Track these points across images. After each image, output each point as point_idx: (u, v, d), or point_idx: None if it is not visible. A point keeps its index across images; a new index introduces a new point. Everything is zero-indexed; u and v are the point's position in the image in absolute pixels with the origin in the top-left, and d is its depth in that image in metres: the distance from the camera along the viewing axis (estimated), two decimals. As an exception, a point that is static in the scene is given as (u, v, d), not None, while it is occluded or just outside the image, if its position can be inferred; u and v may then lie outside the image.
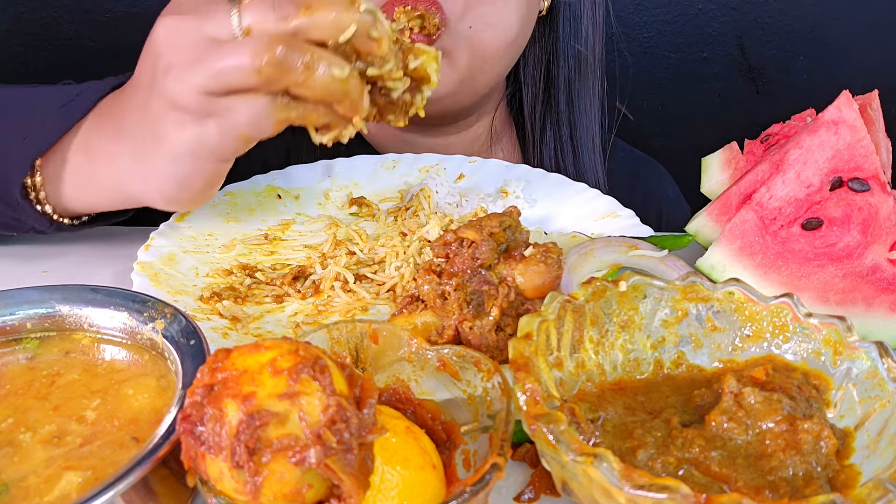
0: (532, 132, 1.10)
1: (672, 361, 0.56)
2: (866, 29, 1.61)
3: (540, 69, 1.08)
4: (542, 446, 0.44)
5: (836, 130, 0.69)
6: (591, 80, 1.08)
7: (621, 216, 0.81)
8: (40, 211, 0.71)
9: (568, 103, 1.08)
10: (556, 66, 1.07)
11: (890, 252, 0.67)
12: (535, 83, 1.08)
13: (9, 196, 0.70)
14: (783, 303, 0.54)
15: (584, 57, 1.07)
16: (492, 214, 0.62)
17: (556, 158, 1.07)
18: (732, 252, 0.69)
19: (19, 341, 0.57)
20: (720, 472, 0.45)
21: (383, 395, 0.51)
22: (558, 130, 1.08)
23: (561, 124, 1.08)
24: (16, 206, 0.71)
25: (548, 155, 1.08)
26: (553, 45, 1.06)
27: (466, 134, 1.08)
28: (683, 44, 1.64)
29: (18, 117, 0.71)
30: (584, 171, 1.07)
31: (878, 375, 0.49)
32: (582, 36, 1.06)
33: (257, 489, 0.38)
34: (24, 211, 0.71)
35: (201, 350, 0.51)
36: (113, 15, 1.51)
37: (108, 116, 0.68)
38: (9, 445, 0.48)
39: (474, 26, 0.91)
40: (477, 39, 0.92)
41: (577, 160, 1.07)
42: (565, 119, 1.08)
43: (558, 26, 1.05)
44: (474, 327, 0.58)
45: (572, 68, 1.07)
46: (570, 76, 1.07)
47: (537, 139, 1.09)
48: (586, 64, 1.07)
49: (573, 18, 1.05)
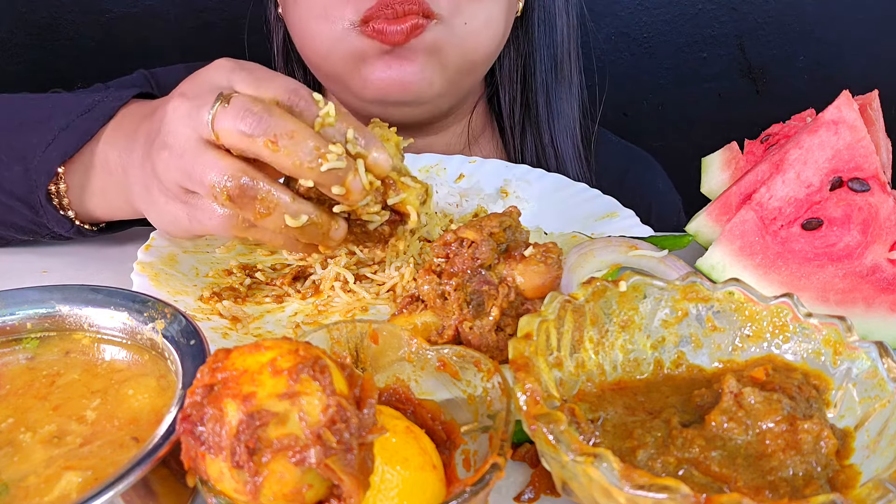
0: (512, 135, 1.09)
1: (672, 361, 0.56)
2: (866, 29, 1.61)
3: (516, 71, 1.07)
4: (542, 446, 0.44)
5: (836, 130, 0.69)
6: (567, 82, 1.07)
7: (621, 216, 0.81)
8: (63, 216, 0.73)
9: (546, 105, 1.07)
10: (533, 67, 1.06)
11: (890, 252, 0.67)
12: (511, 85, 1.08)
13: (32, 200, 0.72)
14: (783, 303, 0.54)
15: (560, 58, 1.06)
16: (492, 214, 0.62)
17: (538, 162, 1.07)
18: (732, 252, 0.69)
19: (19, 341, 0.57)
20: (720, 472, 0.45)
21: (383, 395, 0.51)
22: (538, 133, 1.08)
23: (541, 127, 1.07)
24: (38, 211, 0.72)
25: (529, 159, 1.07)
26: (528, 48, 1.06)
27: (444, 135, 1.08)
28: (683, 44, 1.64)
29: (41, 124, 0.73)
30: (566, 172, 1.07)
31: (878, 375, 0.49)
32: (557, 37, 1.06)
33: (257, 489, 0.38)
34: (47, 215, 0.73)
35: (201, 350, 0.51)
36: (113, 14, 1.51)
37: (122, 133, 0.70)
38: (9, 445, 0.48)
39: (469, 23, 0.91)
40: (471, 38, 0.92)
41: (560, 163, 1.07)
42: (545, 122, 1.07)
43: (533, 28, 1.05)
44: (474, 327, 0.58)
45: (548, 70, 1.06)
46: (547, 78, 1.06)
47: (518, 143, 1.09)
48: (562, 65, 1.07)
49: (547, 20, 1.05)
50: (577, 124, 1.09)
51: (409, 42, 0.88)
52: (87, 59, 1.53)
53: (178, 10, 1.52)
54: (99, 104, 0.72)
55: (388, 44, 0.88)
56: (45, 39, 1.52)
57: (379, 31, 0.87)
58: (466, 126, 1.09)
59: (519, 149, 1.08)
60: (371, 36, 0.88)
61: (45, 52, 1.53)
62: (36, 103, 0.76)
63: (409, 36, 0.87)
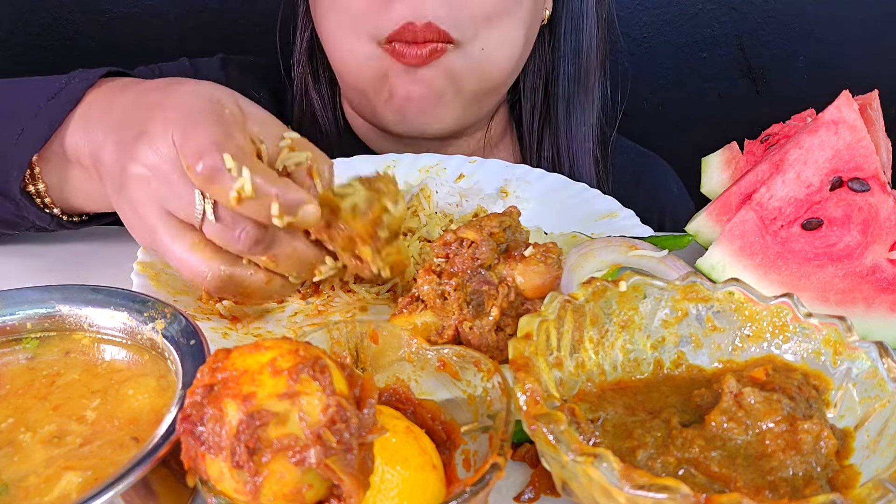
0: (529, 143, 1.09)
1: (672, 361, 0.56)
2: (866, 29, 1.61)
3: (539, 80, 1.07)
4: (542, 446, 0.44)
5: (836, 130, 0.69)
6: (591, 91, 1.07)
7: (621, 216, 0.81)
8: (40, 206, 0.71)
9: (566, 114, 1.07)
10: (557, 77, 1.06)
11: (890, 252, 0.67)
12: (534, 93, 1.08)
13: (10, 193, 0.70)
14: (783, 303, 0.54)
15: (584, 68, 1.06)
16: (492, 214, 0.62)
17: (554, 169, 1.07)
18: (732, 252, 0.69)
19: (19, 341, 0.57)
20: (720, 472, 0.45)
21: (383, 395, 0.51)
22: (556, 143, 1.07)
23: (559, 136, 1.07)
24: (18, 203, 0.70)
25: (545, 165, 1.07)
26: (553, 56, 1.06)
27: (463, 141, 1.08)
28: (683, 44, 1.64)
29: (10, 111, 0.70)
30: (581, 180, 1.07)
31: (878, 375, 0.49)
32: (584, 46, 1.05)
33: (257, 489, 0.38)
34: (26, 208, 0.71)
35: (201, 350, 0.51)
36: (113, 14, 1.51)
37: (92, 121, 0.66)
38: (9, 445, 0.48)
39: (486, 48, 0.92)
40: (488, 63, 0.93)
41: (574, 171, 1.07)
42: (563, 130, 1.07)
43: (560, 36, 1.05)
44: (474, 327, 0.58)
45: (572, 79, 1.06)
46: (570, 88, 1.06)
47: (534, 150, 1.09)
48: (587, 75, 1.06)
49: (575, 29, 1.04)
50: (596, 132, 1.09)
51: (429, 63, 0.90)
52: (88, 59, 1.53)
53: (178, 10, 1.51)
54: (65, 88, 0.68)
55: (407, 64, 0.90)
56: (45, 39, 1.52)
57: (399, 54, 0.89)
58: (485, 133, 1.09)
59: (535, 156, 1.09)
60: (393, 55, 0.90)
61: (45, 52, 1.53)
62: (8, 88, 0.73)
63: (429, 59, 0.89)
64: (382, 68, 0.92)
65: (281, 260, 0.58)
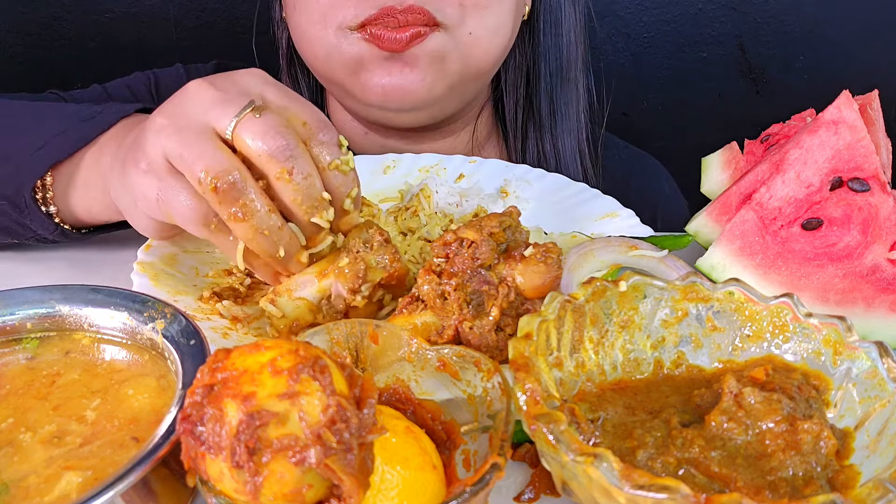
0: (514, 140, 1.09)
1: (672, 361, 0.56)
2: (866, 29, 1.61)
3: (520, 76, 1.07)
4: (542, 446, 0.44)
5: (836, 130, 0.69)
6: (573, 87, 1.07)
7: (621, 216, 0.81)
8: (45, 213, 0.73)
9: (550, 111, 1.06)
10: (537, 73, 1.05)
11: (890, 252, 0.67)
12: (515, 90, 1.07)
13: (18, 199, 0.71)
14: (783, 303, 0.54)
15: (565, 63, 1.05)
16: (492, 214, 0.62)
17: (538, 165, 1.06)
18: (732, 252, 0.69)
19: (19, 341, 0.57)
20: (720, 472, 0.45)
21: (383, 395, 0.51)
22: (540, 139, 1.07)
23: (542, 132, 1.07)
24: (23, 210, 0.72)
25: (529, 162, 1.07)
26: (533, 52, 1.05)
27: (450, 140, 1.08)
28: (683, 44, 1.64)
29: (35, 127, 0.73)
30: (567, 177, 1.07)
31: (878, 375, 0.49)
32: (563, 41, 1.04)
33: (257, 489, 0.38)
34: (31, 215, 0.72)
35: (201, 350, 0.51)
36: (113, 15, 1.51)
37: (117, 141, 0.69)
38: (9, 445, 0.48)
39: (474, 32, 0.91)
40: (475, 47, 0.92)
41: (560, 168, 1.06)
42: (547, 126, 1.06)
43: (539, 32, 1.04)
44: (474, 327, 0.58)
45: (553, 74, 1.05)
46: (552, 82, 1.06)
47: (519, 148, 1.08)
48: (568, 70, 1.06)
49: (554, 24, 1.04)
50: (581, 128, 1.08)
51: (409, 49, 0.88)
52: (87, 59, 1.53)
53: (178, 10, 1.52)
54: (101, 114, 0.72)
55: (386, 50, 0.88)
56: (45, 39, 1.52)
57: (376, 37, 0.87)
58: (472, 132, 1.09)
59: (520, 152, 1.08)
60: (369, 41, 0.88)
61: (45, 52, 1.53)
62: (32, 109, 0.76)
63: (409, 44, 0.87)
64: (356, 55, 0.89)
65: (302, 183, 0.58)
